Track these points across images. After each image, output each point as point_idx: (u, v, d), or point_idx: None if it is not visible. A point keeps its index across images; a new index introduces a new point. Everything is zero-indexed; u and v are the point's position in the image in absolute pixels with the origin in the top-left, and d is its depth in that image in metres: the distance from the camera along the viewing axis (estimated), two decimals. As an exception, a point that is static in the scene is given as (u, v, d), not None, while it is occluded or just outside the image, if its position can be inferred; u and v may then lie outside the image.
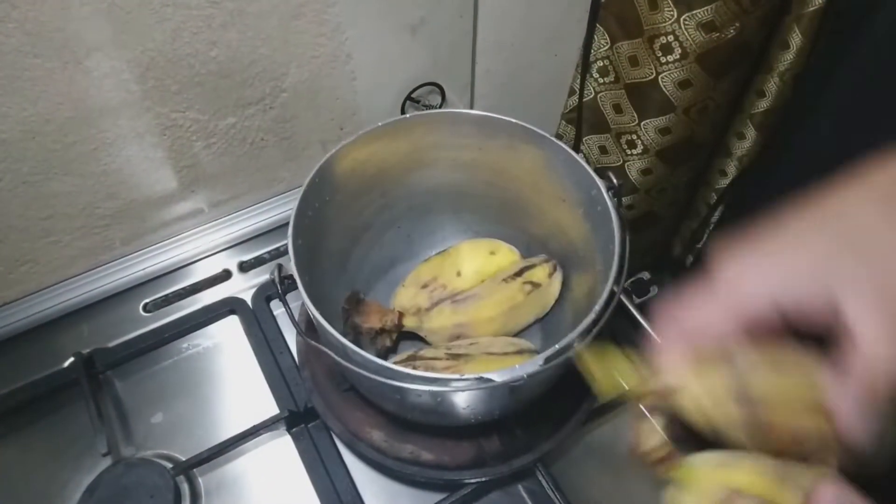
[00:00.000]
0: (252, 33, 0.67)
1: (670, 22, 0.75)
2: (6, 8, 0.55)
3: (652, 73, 0.81)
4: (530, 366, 0.47)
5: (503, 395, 0.54)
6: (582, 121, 0.94)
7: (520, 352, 0.63)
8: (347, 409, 0.65)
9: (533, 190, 0.68)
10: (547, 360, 0.47)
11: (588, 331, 0.50)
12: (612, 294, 0.52)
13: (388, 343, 0.66)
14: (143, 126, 0.69)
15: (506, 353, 0.62)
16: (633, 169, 0.92)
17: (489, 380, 0.46)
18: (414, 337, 0.70)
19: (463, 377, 0.47)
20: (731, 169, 0.94)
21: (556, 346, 0.48)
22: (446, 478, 0.62)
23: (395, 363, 0.61)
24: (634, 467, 0.66)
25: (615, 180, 0.58)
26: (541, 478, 0.63)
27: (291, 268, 0.55)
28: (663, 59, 0.79)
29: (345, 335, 0.54)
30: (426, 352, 0.64)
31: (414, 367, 0.60)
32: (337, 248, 0.68)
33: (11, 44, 0.57)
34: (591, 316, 0.50)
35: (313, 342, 0.53)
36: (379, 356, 0.65)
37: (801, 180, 0.72)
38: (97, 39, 0.60)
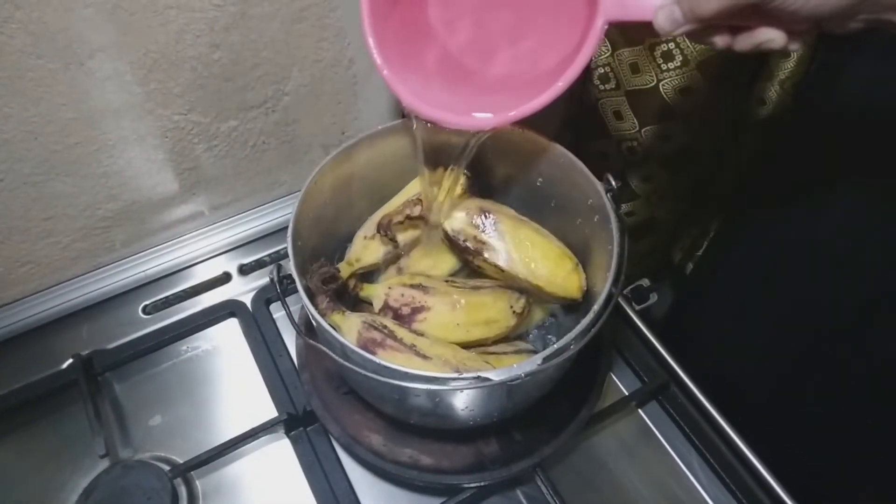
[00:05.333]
0: (255, 36, 0.67)
1: (671, 28, 0.75)
2: (10, 8, 0.55)
3: (653, 80, 0.81)
4: (528, 365, 0.47)
5: (502, 395, 0.53)
6: (583, 127, 0.94)
7: (518, 352, 0.63)
8: (346, 412, 0.65)
9: (532, 195, 0.68)
10: (545, 360, 0.47)
11: (586, 331, 0.50)
12: (610, 295, 0.52)
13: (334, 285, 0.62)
14: (145, 128, 0.69)
15: (504, 354, 0.62)
16: (634, 176, 0.93)
17: (487, 379, 0.46)
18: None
19: (461, 376, 0.46)
20: (732, 176, 0.94)
21: (555, 345, 0.48)
22: (445, 482, 0.62)
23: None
24: (634, 473, 0.66)
25: (613, 182, 0.58)
26: (540, 483, 0.62)
27: (291, 268, 0.55)
28: (664, 67, 0.79)
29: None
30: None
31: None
32: (336, 250, 0.68)
33: (14, 44, 0.57)
34: (590, 316, 0.50)
35: (313, 342, 0.53)
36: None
37: (802, 188, 0.73)
38: (100, 41, 0.61)
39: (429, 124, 0.53)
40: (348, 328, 0.57)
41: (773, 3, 0.37)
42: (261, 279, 0.80)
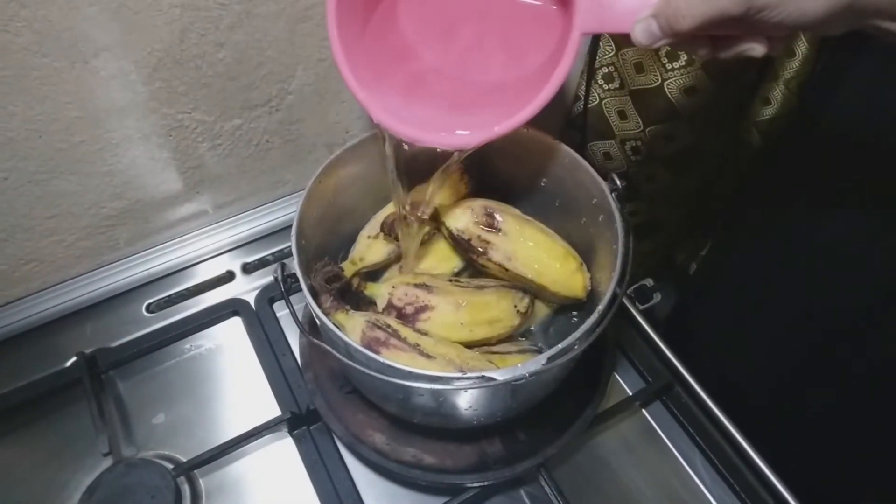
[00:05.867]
0: (259, 35, 0.67)
1: (676, 28, 0.75)
2: (15, 7, 0.55)
3: (657, 80, 0.81)
4: (533, 364, 0.47)
5: (506, 395, 0.53)
6: (587, 127, 0.94)
7: (522, 352, 0.63)
8: (350, 411, 0.65)
9: (537, 194, 0.68)
10: (550, 360, 0.47)
11: (591, 331, 0.50)
12: (614, 295, 0.52)
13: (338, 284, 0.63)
14: (150, 127, 0.69)
15: (508, 353, 0.62)
16: (638, 176, 0.93)
17: (491, 378, 0.46)
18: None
19: (465, 376, 0.46)
20: (736, 176, 0.94)
21: (559, 345, 0.48)
22: (448, 481, 0.62)
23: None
24: (638, 473, 0.66)
25: (618, 182, 0.58)
26: (543, 483, 0.62)
27: (294, 267, 0.55)
28: (669, 66, 0.79)
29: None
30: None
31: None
32: (340, 249, 0.69)
33: (20, 43, 0.57)
34: (594, 316, 0.50)
35: (316, 341, 0.53)
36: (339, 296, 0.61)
37: (806, 189, 0.72)
38: (105, 40, 0.61)
39: (406, 145, 0.53)
40: (352, 327, 0.57)
41: (755, 16, 0.37)
42: (264, 278, 0.80)
